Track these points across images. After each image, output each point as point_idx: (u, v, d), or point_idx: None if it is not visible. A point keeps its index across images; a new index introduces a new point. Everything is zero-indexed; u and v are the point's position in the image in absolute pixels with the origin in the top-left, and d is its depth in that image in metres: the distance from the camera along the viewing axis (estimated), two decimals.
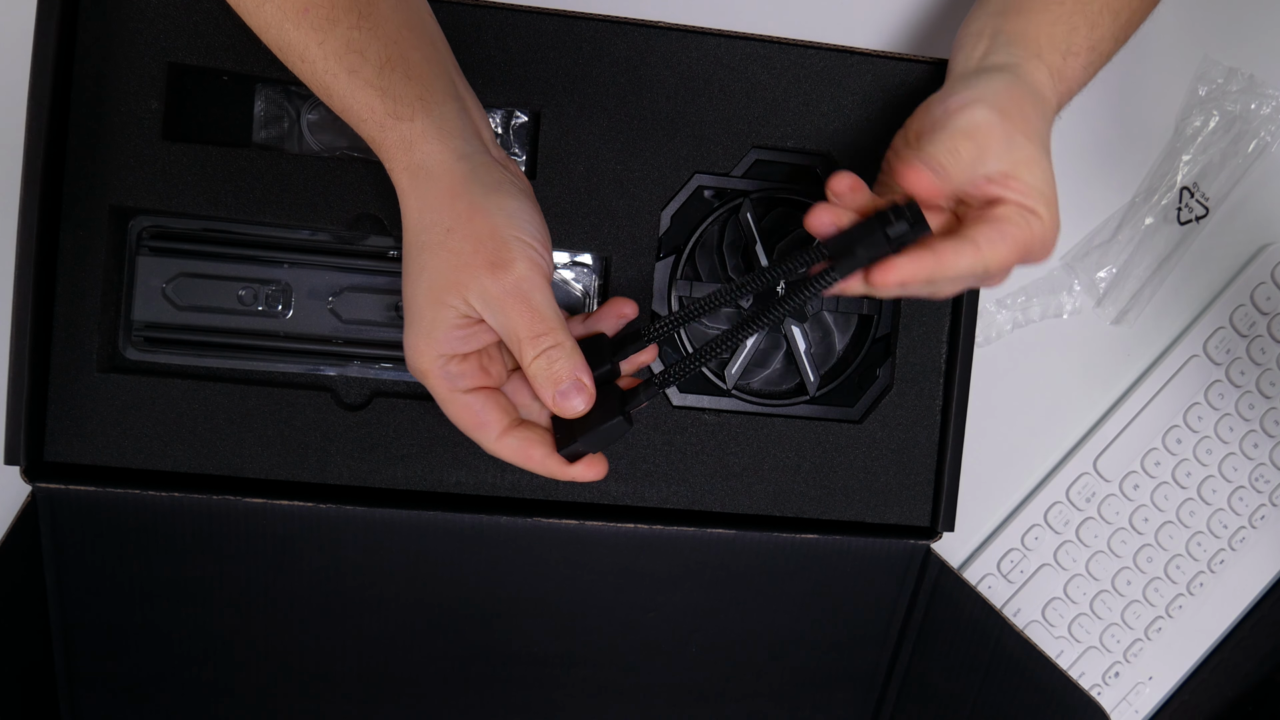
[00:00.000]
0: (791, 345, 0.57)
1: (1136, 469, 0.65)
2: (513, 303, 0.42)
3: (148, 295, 0.53)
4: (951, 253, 0.43)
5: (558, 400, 0.43)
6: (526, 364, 0.42)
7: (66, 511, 0.52)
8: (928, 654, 0.60)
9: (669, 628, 0.59)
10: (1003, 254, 0.43)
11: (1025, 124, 0.45)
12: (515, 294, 0.42)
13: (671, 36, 0.54)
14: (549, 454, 0.45)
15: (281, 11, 0.42)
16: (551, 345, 0.42)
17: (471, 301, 0.42)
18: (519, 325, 0.42)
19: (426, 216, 0.43)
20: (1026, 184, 0.44)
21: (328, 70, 0.43)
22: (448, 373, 0.44)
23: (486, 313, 0.42)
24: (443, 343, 0.43)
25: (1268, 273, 0.66)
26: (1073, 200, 0.64)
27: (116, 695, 0.57)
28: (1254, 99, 0.64)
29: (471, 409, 0.44)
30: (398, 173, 0.44)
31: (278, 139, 0.55)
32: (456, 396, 0.44)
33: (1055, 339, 0.65)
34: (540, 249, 0.43)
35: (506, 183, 0.44)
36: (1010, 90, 0.46)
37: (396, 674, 0.59)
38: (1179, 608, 0.67)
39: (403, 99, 0.43)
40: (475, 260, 0.42)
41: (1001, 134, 0.44)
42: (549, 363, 0.42)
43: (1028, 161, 0.44)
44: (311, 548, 0.54)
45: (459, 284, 0.42)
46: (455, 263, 0.42)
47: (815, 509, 0.57)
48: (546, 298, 0.42)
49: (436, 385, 0.44)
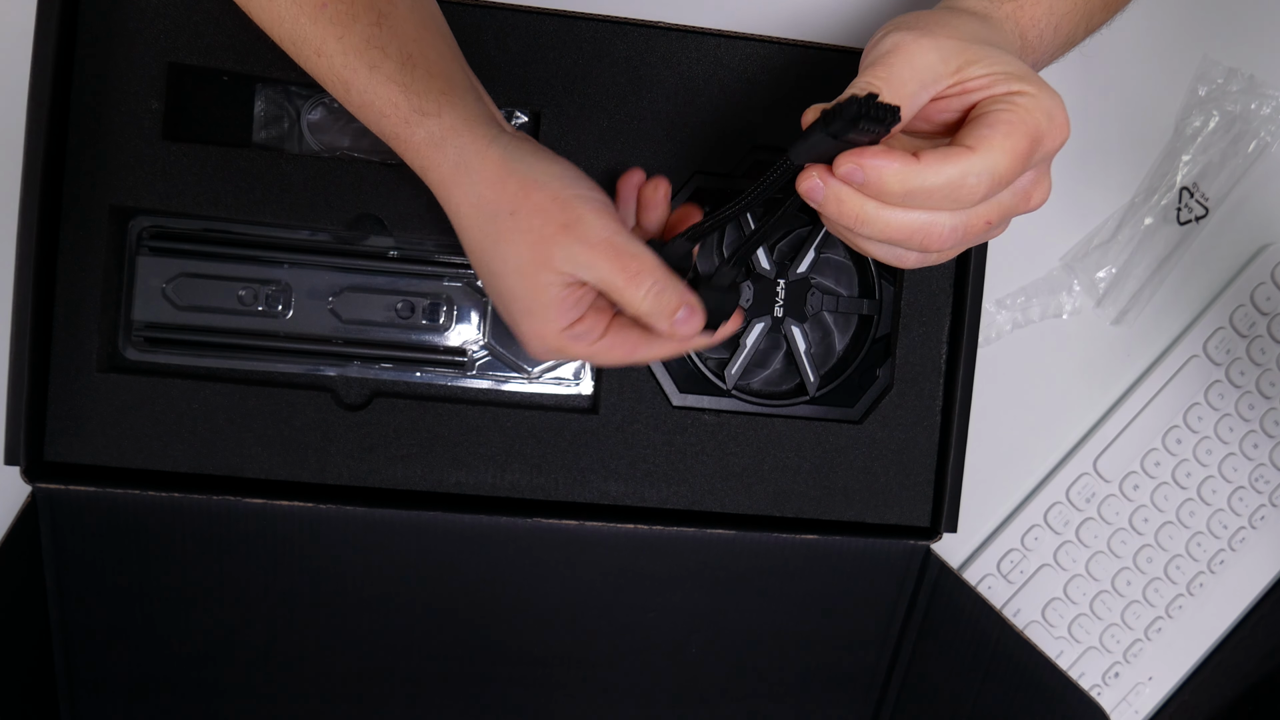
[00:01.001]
0: (791, 345, 0.57)
1: (1136, 469, 0.65)
2: (599, 255, 0.42)
3: (148, 295, 0.53)
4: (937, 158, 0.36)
5: (675, 328, 0.43)
6: (635, 306, 0.43)
7: (66, 512, 0.52)
8: (928, 654, 0.60)
9: (669, 628, 0.59)
10: (1010, 145, 0.37)
11: (956, 30, 0.40)
12: (598, 244, 0.42)
13: (671, 36, 0.54)
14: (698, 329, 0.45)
15: (298, 6, 0.42)
16: (652, 282, 0.42)
17: (563, 269, 0.42)
18: (614, 274, 0.42)
19: (484, 208, 0.43)
20: (991, 74, 0.38)
21: (347, 66, 0.43)
22: (576, 335, 0.44)
23: (580, 273, 0.42)
24: (558, 317, 0.43)
25: (1268, 273, 0.65)
26: (1072, 200, 0.64)
27: (116, 695, 0.57)
28: (1254, 99, 0.64)
29: (618, 345, 0.45)
30: (432, 170, 0.44)
31: (278, 139, 0.55)
32: (598, 347, 0.45)
33: (1055, 339, 0.65)
34: (599, 195, 0.44)
35: (538, 151, 0.44)
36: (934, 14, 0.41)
37: (396, 674, 0.59)
38: (1179, 608, 0.67)
39: (426, 94, 0.43)
40: (549, 230, 0.42)
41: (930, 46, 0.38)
42: (656, 298, 0.42)
43: (974, 57, 0.38)
44: (311, 548, 0.54)
45: (546, 258, 0.42)
46: (532, 239, 0.42)
47: (815, 509, 0.57)
48: (626, 237, 0.43)
49: (576, 352, 0.45)
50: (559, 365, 0.57)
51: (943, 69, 0.38)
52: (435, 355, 0.56)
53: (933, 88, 0.38)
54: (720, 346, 0.57)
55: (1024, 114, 0.37)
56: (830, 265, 0.58)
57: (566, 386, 0.57)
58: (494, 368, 0.56)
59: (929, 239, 0.38)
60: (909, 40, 0.38)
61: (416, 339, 0.55)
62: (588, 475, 0.55)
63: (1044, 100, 0.38)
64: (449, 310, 0.56)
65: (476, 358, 0.56)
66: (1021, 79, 0.38)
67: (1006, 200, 0.39)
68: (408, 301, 0.55)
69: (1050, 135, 0.38)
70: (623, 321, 0.46)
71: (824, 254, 0.58)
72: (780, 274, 0.56)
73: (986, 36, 0.41)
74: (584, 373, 0.57)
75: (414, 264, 0.55)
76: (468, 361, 0.56)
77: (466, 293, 0.56)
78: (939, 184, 0.36)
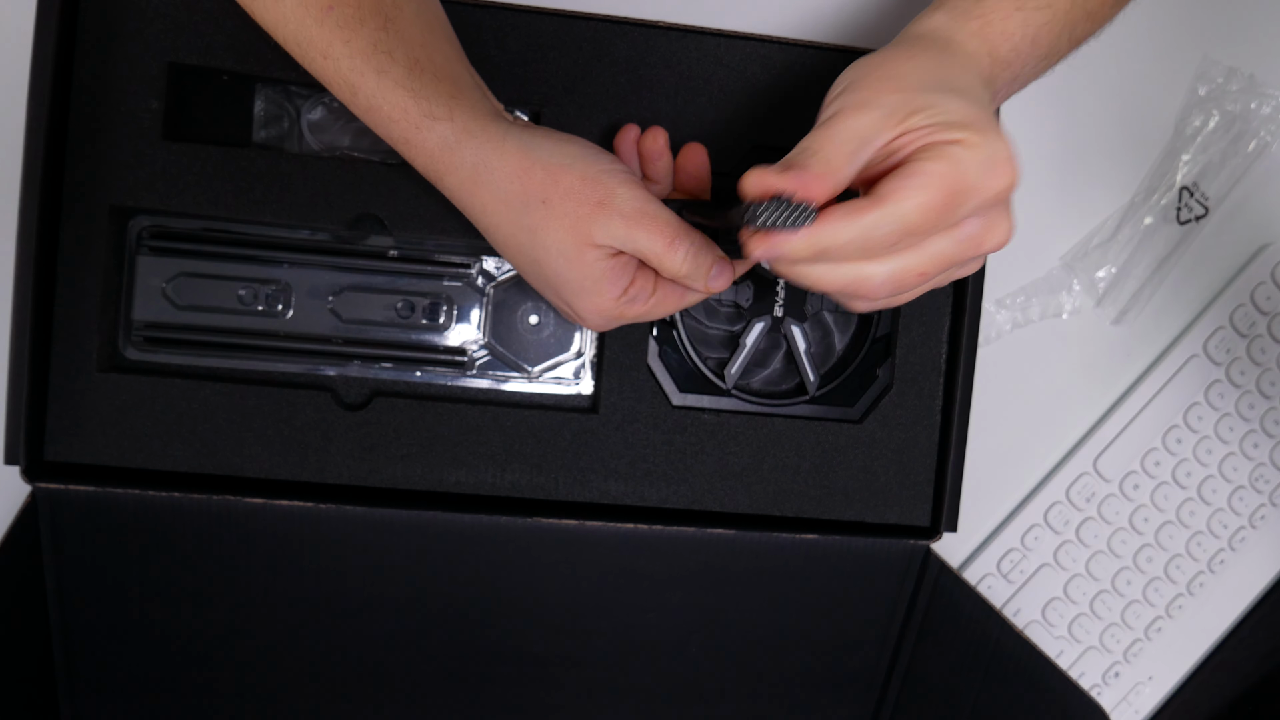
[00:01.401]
0: (791, 345, 0.57)
1: (1136, 469, 0.65)
2: (635, 226, 0.43)
3: (148, 295, 0.53)
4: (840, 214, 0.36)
5: (711, 285, 0.45)
6: (674, 270, 0.44)
7: (66, 511, 0.52)
8: (928, 654, 0.60)
9: (669, 628, 0.59)
10: (921, 197, 0.36)
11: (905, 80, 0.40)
12: (633, 215, 0.43)
13: (671, 36, 0.54)
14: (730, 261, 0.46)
15: (303, 7, 0.42)
16: (688, 245, 0.44)
17: (603, 243, 0.43)
18: (651, 242, 0.43)
19: (514, 203, 0.44)
20: (932, 124, 0.38)
21: (354, 70, 0.43)
22: (631, 299, 0.45)
23: (620, 244, 0.43)
24: (610, 288, 0.45)
25: (1268, 273, 0.65)
26: (1072, 200, 0.64)
27: (116, 695, 0.57)
28: (1254, 99, 0.64)
29: (669, 297, 0.47)
30: (449, 174, 0.44)
31: (278, 139, 0.55)
32: (652, 303, 0.46)
33: (1055, 339, 0.65)
34: (620, 165, 0.45)
35: (551, 134, 0.45)
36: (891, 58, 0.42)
37: (396, 674, 0.59)
38: (1179, 608, 0.67)
39: (435, 99, 0.43)
40: (583, 209, 0.43)
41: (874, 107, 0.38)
42: (694, 261, 0.44)
43: (918, 106, 0.38)
44: (311, 548, 0.54)
45: (585, 235, 0.43)
46: (569, 222, 0.43)
47: (815, 509, 0.57)
48: (656, 204, 0.44)
49: (633, 315, 0.46)
50: (559, 365, 0.57)
51: (885, 124, 0.38)
52: (435, 355, 0.56)
53: (874, 145, 0.38)
54: (720, 346, 0.57)
55: (948, 164, 0.37)
56: None
57: (566, 386, 0.57)
58: (494, 367, 0.56)
59: (863, 289, 0.39)
60: (850, 105, 0.39)
61: (416, 338, 0.55)
62: (588, 475, 0.55)
63: (981, 149, 0.37)
64: (449, 310, 0.56)
65: (476, 357, 0.56)
66: (963, 126, 0.37)
67: (946, 249, 0.38)
68: (408, 301, 0.55)
69: (986, 183, 0.37)
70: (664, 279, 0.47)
71: None
72: None
73: (941, 76, 0.41)
74: (584, 372, 0.57)
75: (414, 263, 0.55)
76: (468, 361, 0.56)
77: (466, 292, 0.56)
78: (846, 240, 0.37)
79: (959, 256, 0.39)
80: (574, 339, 0.57)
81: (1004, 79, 0.45)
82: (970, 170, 0.37)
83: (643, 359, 0.55)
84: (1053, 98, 0.63)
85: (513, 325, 0.56)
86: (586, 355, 0.57)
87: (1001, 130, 0.39)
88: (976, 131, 0.37)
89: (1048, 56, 0.47)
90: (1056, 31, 0.46)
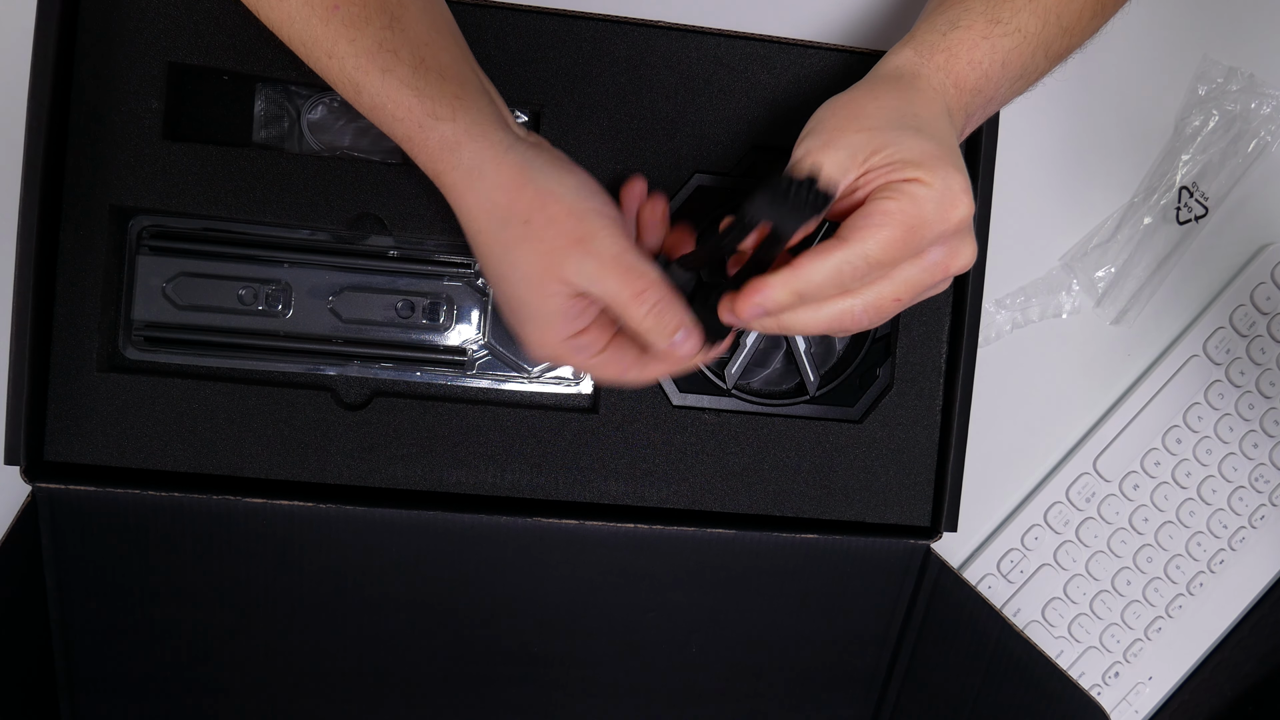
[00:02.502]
0: (791, 345, 0.57)
1: (1136, 469, 0.65)
2: (608, 271, 0.43)
3: (148, 295, 0.53)
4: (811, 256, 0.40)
5: (673, 347, 0.44)
6: (637, 323, 0.43)
7: (66, 511, 0.52)
8: (928, 654, 0.60)
9: (669, 628, 0.59)
10: (883, 234, 0.40)
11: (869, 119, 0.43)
12: (608, 261, 0.43)
13: (671, 36, 0.54)
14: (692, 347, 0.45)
15: (309, 7, 0.42)
16: (655, 300, 0.43)
17: (572, 281, 0.43)
18: (620, 289, 0.43)
19: (497, 214, 0.43)
20: (890, 163, 0.41)
21: (359, 68, 0.43)
22: (578, 346, 0.45)
23: (588, 286, 0.43)
24: (561, 327, 0.44)
25: (1268, 273, 0.66)
26: (1072, 200, 0.64)
27: (116, 695, 0.57)
28: (1254, 99, 0.64)
29: (614, 361, 0.46)
30: (445, 174, 0.44)
31: (278, 139, 0.55)
32: (592, 359, 0.46)
33: (1054, 339, 0.65)
34: (612, 210, 0.45)
35: (555, 161, 0.45)
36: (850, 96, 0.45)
37: (396, 674, 0.59)
38: (1179, 608, 0.67)
39: (440, 99, 0.43)
40: (561, 242, 0.43)
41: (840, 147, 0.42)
42: (658, 317, 0.43)
43: (878, 146, 0.41)
44: (311, 548, 0.54)
45: (556, 268, 0.43)
46: (544, 249, 0.43)
47: (815, 509, 0.57)
48: (635, 255, 0.43)
49: (575, 361, 0.46)
50: (559, 365, 0.57)
51: (849, 165, 0.41)
52: (435, 355, 0.56)
53: (839, 186, 0.41)
54: None
55: (905, 202, 0.40)
56: None
57: (566, 386, 0.57)
58: (494, 367, 0.56)
59: (844, 322, 0.42)
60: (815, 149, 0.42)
61: (416, 338, 0.55)
62: (588, 475, 0.55)
63: (935, 186, 0.41)
64: (449, 310, 0.56)
65: (476, 357, 0.56)
66: (918, 165, 0.41)
67: (915, 276, 0.42)
68: (408, 301, 0.55)
69: (942, 215, 0.41)
70: (622, 340, 0.46)
71: None
72: None
73: (903, 114, 0.43)
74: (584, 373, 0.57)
75: (414, 263, 0.55)
76: (468, 361, 0.56)
77: (466, 292, 0.56)
78: (822, 278, 0.41)
79: (927, 281, 0.43)
80: None
81: (976, 104, 0.47)
82: (926, 206, 0.40)
83: None
84: (1053, 98, 0.63)
85: None
86: None
87: (958, 163, 0.42)
88: (929, 170, 0.41)
89: (1023, 77, 0.48)
90: (1028, 53, 0.47)
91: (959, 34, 0.46)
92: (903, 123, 0.43)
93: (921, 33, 0.47)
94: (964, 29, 0.46)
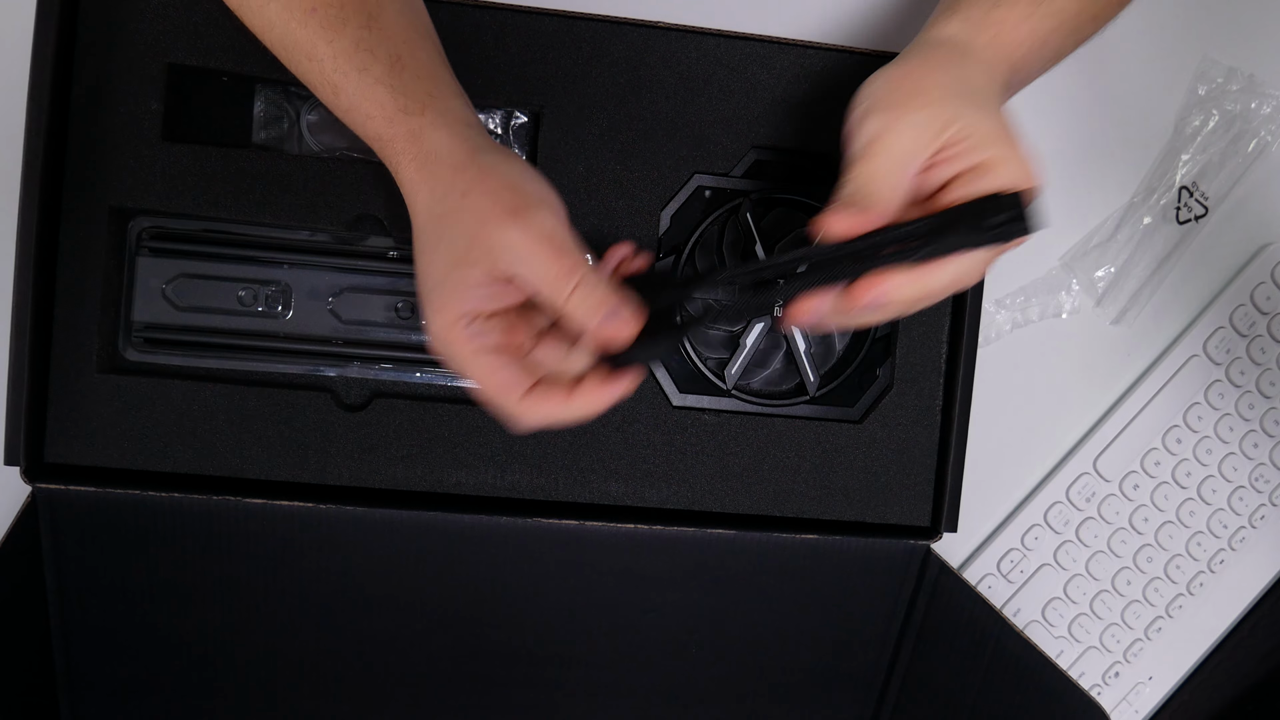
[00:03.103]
0: (791, 345, 0.57)
1: (1136, 469, 0.65)
2: (540, 246, 0.41)
3: (148, 296, 0.53)
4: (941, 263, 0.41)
5: (603, 326, 0.42)
6: (563, 300, 0.41)
7: (67, 512, 0.52)
8: (928, 654, 0.60)
9: (669, 628, 0.59)
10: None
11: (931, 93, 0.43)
12: (540, 237, 0.41)
13: (671, 36, 0.54)
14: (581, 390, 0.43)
15: (288, 11, 0.43)
16: (585, 276, 0.41)
17: (497, 254, 0.41)
18: (549, 266, 0.41)
19: (438, 191, 0.43)
20: (962, 140, 0.42)
21: (337, 69, 0.43)
22: (472, 330, 0.42)
23: (514, 263, 0.41)
24: (467, 299, 0.42)
25: (1268, 273, 0.65)
26: (1071, 200, 0.64)
27: (116, 696, 0.57)
28: (1254, 98, 0.64)
29: (494, 368, 0.42)
30: (405, 165, 0.43)
31: (277, 140, 0.55)
32: (480, 356, 0.42)
33: (1054, 339, 0.65)
34: (555, 200, 0.43)
35: (511, 154, 0.44)
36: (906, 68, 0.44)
37: (396, 674, 0.59)
38: (1179, 608, 0.67)
39: (414, 95, 0.43)
40: (495, 212, 0.41)
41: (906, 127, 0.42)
42: (586, 293, 0.41)
43: (947, 121, 0.42)
44: (311, 548, 0.54)
45: (482, 239, 0.41)
46: (475, 220, 0.41)
47: (815, 509, 0.57)
48: (570, 238, 0.42)
49: (459, 345, 0.42)
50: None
51: (921, 145, 0.42)
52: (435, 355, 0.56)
53: (915, 167, 0.42)
54: (720, 346, 0.57)
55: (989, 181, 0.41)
56: None
57: None
58: None
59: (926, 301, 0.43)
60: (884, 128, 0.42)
61: (416, 339, 0.55)
62: (588, 475, 0.55)
63: (1013, 163, 0.42)
64: None
65: None
66: (991, 142, 0.42)
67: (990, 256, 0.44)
68: (407, 302, 0.55)
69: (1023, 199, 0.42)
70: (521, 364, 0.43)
71: None
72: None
73: (963, 86, 0.44)
74: None
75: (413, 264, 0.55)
76: None
77: None
78: (949, 279, 0.42)
79: (999, 251, 0.43)
80: None
81: (1015, 82, 0.47)
82: (1005, 184, 0.41)
83: None
84: (1053, 97, 0.63)
85: None
86: None
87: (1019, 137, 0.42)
88: (1003, 145, 0.42)
89: (1054, 58, 0.49)
90: (1063, 36, 0.48)
91: (1003, 12, 0.46)
92: (964, 97, 0.43)
93: (965, 6, 0.46)
94: (1007, 7, 0.46)
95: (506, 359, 0.43)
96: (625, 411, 0.55)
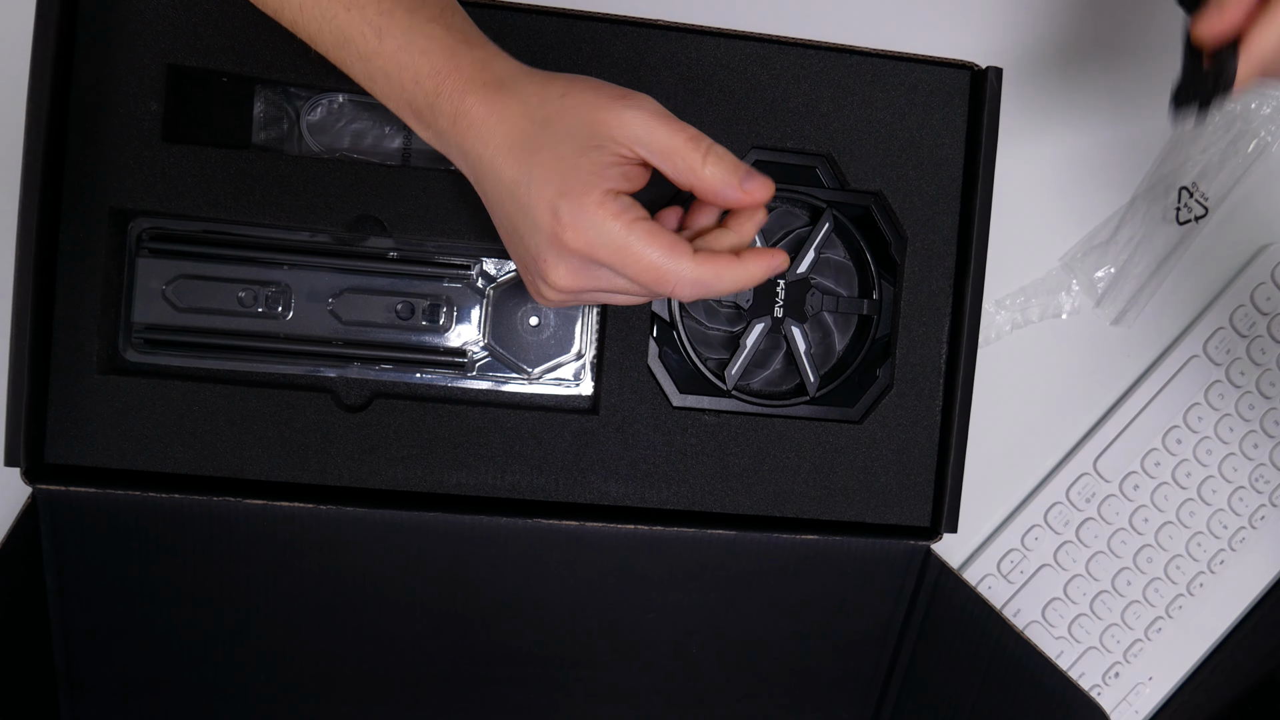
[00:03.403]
0: (791, 346, 0.57)
1: (1136, 469, 0.66)
2: (661, 120, 0.41)
3: (147, 297, 0.53)
4: None
5: (745, 183, 0.42)
6: (700, 165, 0.41)
7: (67, 513, 0.52)
8: (928, 654, 0.60)
9: (669, 628, 0.59)
10: None
11: None
12: (657, 113, 0.41)
13: (671, 36, 0.54)
14: (748, 255, 0.43)
15: None
16: (711, 144, 0.41)
17: (620, 136, 0.40)
18: (676, 136, 0.41)
19: (531, 102, 0.41)
20: None
21: (382, 11, 0.42)
22: (622, 204, 0.41)
23: (640, 139, 0.41)
24: (607, 177, 0.41)
25: (1268, 273, 0.66)
26: (1071, 200, 0.64)
27: (116, 696, 0.57)
28: (1254, 99, 0.64)
29: (655, 232, 0.41)
30: (471, 94, 0.41)
31: (277, 140, 0.55)
32: (639, 224, 0.41)
33: (1054, 339, 0.65)
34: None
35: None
36: None
37: (396, 674, 0.59)
38: (1179, 608, 0.67)
39: (469, 30, 0.43)
40: (603, 101, 0.41)
41: None
42: (721, 155, 0.41)
43: None
44: (311, 549, 0.54)
45: (601, 126, 0.40)
46: (587, 110, 0.41)
47: (815, 509, 0.57)
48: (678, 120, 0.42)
49: (614, 219, 0.40)
50: (559, 366, 0.57)
51: None
52: (435, 356, 0.56)
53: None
54: (720, 347, 0.57)
55: None
56: (830, 265, 0.58)
57: (566, 387, 0.57)
58: (494, 369, 0.56)
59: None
60: None
61: (416, 340, 0.55)
62: (588, 476, 0.55)
63: None
64: (449, 311, 0.56)
65: (476, 359, 0.56)
66: None
67: None
68: (407, 303, 0.55)
69: None
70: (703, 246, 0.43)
71: (824, 254, 0.58)
72: (780, 274, 0.56)
73: None
74: (584, 374, 0.57)
75: (414, 265, 0.55)
76: (468, 362, 0.56)
77: (467, 294, 0.56)
78: None
79: None
80: (574, 340, 0.57)
81: None
82: None
83: (643, 360, 0.55)
84: (1053, 97, 0.63)
85: (513, 326, 0.56)
86: (586, 356, 0.57)
87: None
88: None
89: None
90: None
91: None
92: None
93: None
94: None
95: (661, 225, 0.42)
96: (625, 412, 0.55)
